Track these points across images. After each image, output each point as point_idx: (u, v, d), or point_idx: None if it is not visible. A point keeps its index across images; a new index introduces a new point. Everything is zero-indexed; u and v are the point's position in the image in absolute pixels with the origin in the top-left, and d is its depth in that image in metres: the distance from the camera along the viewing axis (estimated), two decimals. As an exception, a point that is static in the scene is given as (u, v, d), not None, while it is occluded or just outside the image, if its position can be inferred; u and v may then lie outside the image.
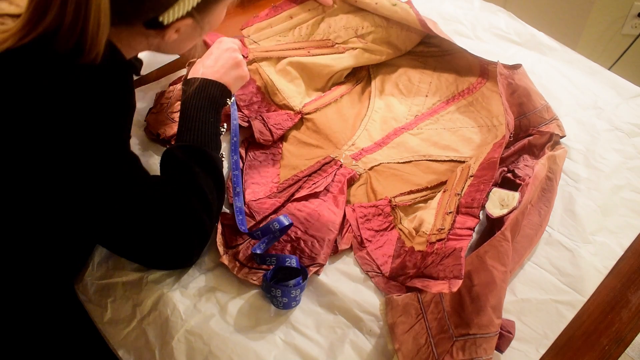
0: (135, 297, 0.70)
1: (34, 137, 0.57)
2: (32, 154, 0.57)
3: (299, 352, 0.66)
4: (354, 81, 1.04)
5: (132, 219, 0.63)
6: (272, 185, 0.84)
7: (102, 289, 0.72)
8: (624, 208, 0.82)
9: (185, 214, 0.66)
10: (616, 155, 0.90)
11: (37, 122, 0.57)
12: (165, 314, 0.68)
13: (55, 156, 0.58)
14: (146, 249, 0.66)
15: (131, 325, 0.69)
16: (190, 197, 0.67)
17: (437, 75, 1.03)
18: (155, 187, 0.66)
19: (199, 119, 0.73)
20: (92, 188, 0.60)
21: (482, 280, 0.65)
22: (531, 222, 0.76)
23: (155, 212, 0.64)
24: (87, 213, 0.61)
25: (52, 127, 0.57)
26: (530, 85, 0.91)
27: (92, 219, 0.62)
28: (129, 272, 0.72)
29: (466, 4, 1.20)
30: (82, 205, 0.60)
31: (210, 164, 0.71)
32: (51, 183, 0.59)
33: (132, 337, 0.68)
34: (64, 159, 0.58)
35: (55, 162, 0.58)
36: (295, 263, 0.70)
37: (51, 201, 0.60)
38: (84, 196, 0.60)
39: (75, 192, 0.60)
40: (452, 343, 0.63)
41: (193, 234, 0.68)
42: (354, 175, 0.84)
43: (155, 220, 0.64)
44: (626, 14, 1.60)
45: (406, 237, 0.77)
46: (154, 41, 0.70)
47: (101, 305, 0.71)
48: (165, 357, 0.65)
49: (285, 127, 0.92)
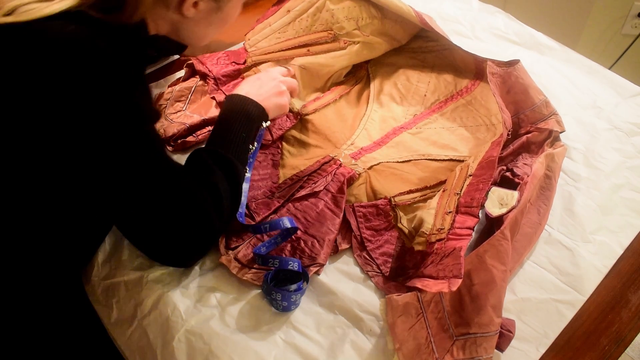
0: (137, 296, 0.71)
1: (61, 102, 0.57)
2: (61, 116, 0.58)
3: (299, 351, 0.66)
4: (353, 81, 1.04)
5: (147, 194, 0.63)
6: (272, 185, 0.84)
7: (108, 289, 0.72)
8: (623, 207, 0.82)
9: (196, 206, 0.66)
10: (616, 154, 0.90)
11: (63, 85, 0.57)
12: (166, 314, 0.69)
13: (81, 118, 0.58)
14: (152, 230, 0.66)
15: (133, 325, 0.69)
16: (205, 193, 0.67)
17: (435, 75, 1.03)
18: (175, 172, 0.66)
19: (233, 131, 0.75)
20: (117, 154, 0.60)
21: (482, 279, 0.65)
22: (530, 220, 0.76)
23: (169, 194, 0.64)
24: (108, 178, 0.61)
25: (77, 91, 0.57)
26: (528, 81, 0.90)
27: (112, 184, 0.62)
28: (130, 271, 0.73)
29: (465, 4, 1.21)
30: (104, 171, 0.61)
31: (233, 173, 0.71)
32: (77, 144, 0.59)
33: (135, 337, 0.69)
34: (89, 121, 0.58)
35: (81, 125, 0.58)
36: (297, 267, 0.70)
37: (75, 163, 0.60)
38: (107, 162, 0.60)
39: (99, 157, 0.60)
40: (452, 342, 0.63)
41: (199, 228, 0.67)
42: (353, 175, 0.84)
43: (167, 202, 0.64)
44: (626, 14, 1.60)
45: (406, 237, 0.77)
46: (173, 16, 0.70)
47: (108, 305, 0.71)
48: (167, 358, 0.66)
49: (285, 127, 0.92)
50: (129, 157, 0.61)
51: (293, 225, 0.73)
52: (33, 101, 0.57)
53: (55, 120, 0.58)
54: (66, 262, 0.73)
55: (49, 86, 0.56)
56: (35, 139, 0.60)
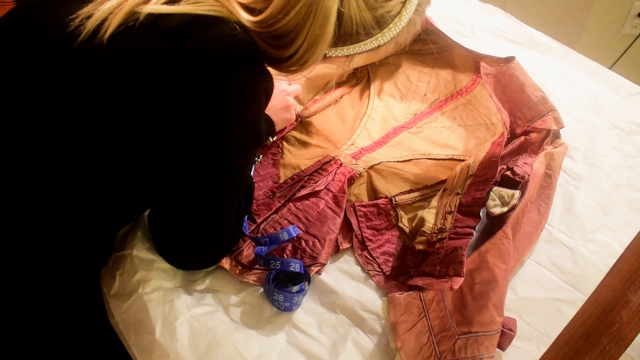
0: (144, 273, 0.70)
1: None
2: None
3: (301, 350, 0.66)
4: (354, 81, 1.04)
5: (204, 209, 0.63)
6: (273, 185, 0.84)
7: (116, 260, 0.72)
8: (623, 206, 0.83)
9: (228, 239, 0.70)
10: (616, 153, 0.90)
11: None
12: (170, 298, 0.68)
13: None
14: (180, 239, 0.66)
15: (132, 298, 0.68)
16: (235, 223, 0.70)
17: (435, 74, 1.04)
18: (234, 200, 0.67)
19: None
20: (215, 163, 0.59)
21: (484, 278, 0.65)
22: (530, 219, 0.77)
23: (217, 220, 0.66)
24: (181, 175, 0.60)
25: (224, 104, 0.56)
26: (524, 78, 0.90)
27: (186, 185, 0.61)
28: (142, 248, 0.72)
29: (465, 4, 1.21)
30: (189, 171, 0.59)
31: (248, 189, 0.74)
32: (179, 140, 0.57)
33: (133, 309, 0.67)
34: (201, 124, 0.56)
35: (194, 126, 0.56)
36: (299, 268, 0.70)
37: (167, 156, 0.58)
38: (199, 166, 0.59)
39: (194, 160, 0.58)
40: (454, 341, 0.63)
41: (217, 254, 0.71)
42: (354, 174, 0.84)
43: (210, 226, 0.65)
44: (626, 14, 1.60)
45: (407, 236, 0.77)
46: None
47: (112, 276, 0.70)
48: (167, 333, 0.65)
49: (285, 129, 0.92)
50: (222, 170, 0.60)
51: (291, 236, 0.73)
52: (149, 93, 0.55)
53: (169, 118, 0.56)
54: (87, 260, 0.73)
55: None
56: (124, 133, 0.57)
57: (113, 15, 0.55)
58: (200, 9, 0.55)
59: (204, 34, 0.54)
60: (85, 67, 0.56)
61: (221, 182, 0.61)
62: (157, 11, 0.54)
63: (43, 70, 0.57)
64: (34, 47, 0.58)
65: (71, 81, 0.56)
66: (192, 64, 0.54)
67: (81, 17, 0.55)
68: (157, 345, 0.64)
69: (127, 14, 0.55)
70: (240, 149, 0.61)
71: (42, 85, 0.58)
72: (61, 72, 0.57)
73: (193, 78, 0.54)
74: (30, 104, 0.58)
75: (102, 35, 0.54)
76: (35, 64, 0.58)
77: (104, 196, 0.63)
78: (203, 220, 0.64)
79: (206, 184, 0.61)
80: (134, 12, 0.55)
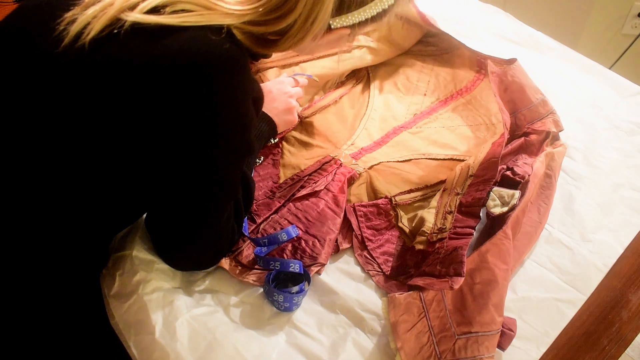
0: (144, 274, 0.70)
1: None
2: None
3: (301, 350, 0.66)
4: (354, 81, 1.04)
5: (201, 211, 0.63)
6: (272, 185, 0.84)
7: (116, 260, 0.72)
8: (623, 206, 0.83)
9: (228, 242, 0.70)
10: (615, 153, 0.90)
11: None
12: (170, 298, 0.68)
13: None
14: (179, 241, 0.66)
15: (132, 298, 0.68)
16: (235, 226, 0.70)
17: (435, 74, 1.04)
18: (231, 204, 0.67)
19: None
20: (208, 168, 0.59)
21: (484, 278, 0.65)
22: (530, 219, 0.77)
23: (216, 222, 0.65)
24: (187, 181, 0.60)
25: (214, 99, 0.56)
26: (525, 80, 0.91)
27: (186, 187, 0.60)
28: (141, 249, 0.72)
29: (465, 4, 1.21)
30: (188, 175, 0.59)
31: (249, 189, 0.74)
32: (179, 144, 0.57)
33: (133, 309, 0.67)
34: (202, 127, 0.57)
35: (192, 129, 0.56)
36: (298, 268, 0.70)
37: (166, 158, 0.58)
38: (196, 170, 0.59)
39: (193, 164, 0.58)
40: (454, 341, 0.63)
41: (216, 256, 0.70)
42: (354, 175, 0.84)
43: (209, 228, 0.65)
44: (626, 14, 1.60)
45: (406, 236, 0.78)
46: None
47: (112, 276, 0.70)
48: (167, 333, 0.65)
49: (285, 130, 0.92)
50: (215, 172, 0.60)
51: (290, 237, 0.72)
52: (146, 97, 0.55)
53: (170, 120, 0.56)
54: (86, 262, 0.73)
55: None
56: (122, 135, 0.57)
57: (96, 19, 0.55)
58: (186, 20, 0.55)
59: (189, 45, 0.54)
60: (70, 73, 0.56)
61: (211, 191, 0.61)
62: (143, 21, 0.54)
63: (32, 76, 0.58)
64: (23, 53, 0.59)
65: (57, 86, 0.56)
66: (177, 75, 0.54)
67: (65, 21, 0.55)
68: (157, 346, 0.64)
69: (111, 19, 0.55)
70: (227, 159, 0.60)
71: (31, 91, 0.58)
72: (48, 78, 0.57)
73: (177, 89, 0.54)
74: (22, 110, 0.58)
75: (83, 39, 0.54)
76: (25, 70, 0.58)
77: (99, 200, 0.63)
78: (197, 224, 0.64)
79: (196, 191, 0.61)
80: (118, 19, 0.55)
